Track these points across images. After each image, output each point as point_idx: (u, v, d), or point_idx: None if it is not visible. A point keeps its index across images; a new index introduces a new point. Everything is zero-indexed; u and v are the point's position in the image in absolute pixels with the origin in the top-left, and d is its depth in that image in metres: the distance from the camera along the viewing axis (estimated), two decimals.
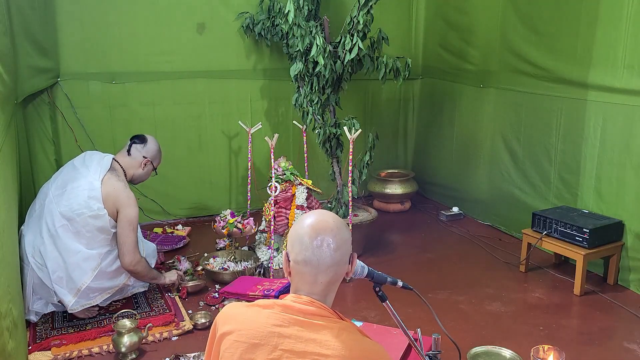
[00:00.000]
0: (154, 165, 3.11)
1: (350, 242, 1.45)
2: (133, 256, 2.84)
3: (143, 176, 3.10)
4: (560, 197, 3.67)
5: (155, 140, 3.14)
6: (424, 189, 5.08)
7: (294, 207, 3.47)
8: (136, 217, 2.88)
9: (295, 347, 1.32)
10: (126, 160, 3.01)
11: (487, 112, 4.30)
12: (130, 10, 4.00)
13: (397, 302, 1.90)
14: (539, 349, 2.28)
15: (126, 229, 2.83)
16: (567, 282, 3.35)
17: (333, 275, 1.40)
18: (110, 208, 2.80)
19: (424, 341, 1.87)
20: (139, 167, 3.04)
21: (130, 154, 3.03)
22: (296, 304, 1.38)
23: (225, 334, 1.38)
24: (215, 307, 3.06)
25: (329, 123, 3.75)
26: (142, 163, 3.04)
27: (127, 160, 3.02)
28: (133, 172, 3.03)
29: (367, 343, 1.37)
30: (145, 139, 3.09)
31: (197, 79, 4.30)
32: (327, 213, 1.46)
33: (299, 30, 3.59)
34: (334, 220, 1.42)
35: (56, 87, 3.91)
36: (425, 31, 4.96)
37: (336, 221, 1.42)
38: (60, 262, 2.72)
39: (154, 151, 3.10)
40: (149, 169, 3.08)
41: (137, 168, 3.04)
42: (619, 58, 3.15)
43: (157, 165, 3.14)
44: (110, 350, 2.61)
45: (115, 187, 2.84)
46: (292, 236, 1.42)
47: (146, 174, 3.10)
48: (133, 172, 3.03)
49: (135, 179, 3.07)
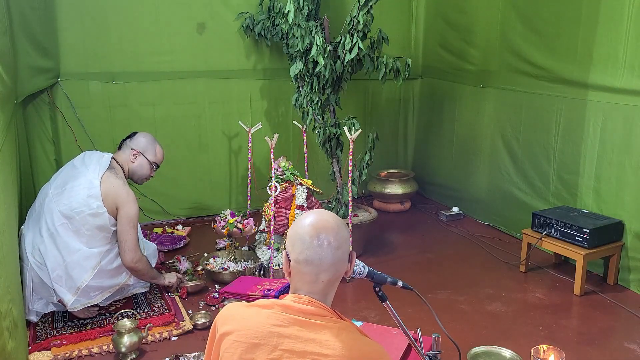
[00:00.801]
0: (148, 158, 3.06)
1: (349, 240, 1.46)
2: (134, 254, 2.84)
3: (139, 170, 3.05)
4: (560, 197, 3.67)
5: (146, 135, 3.13)
6: (424, 189, 5.08)
7: (294, 207, 3.47)
8: (136, 215, 2.87)
9: (295, 347, 1.32)
10: (120, 156, 3.03)
11: (487, 112, 4.30)
12: (130, 10, 4.00)
13: (397, 302, 1.90)
14: (539, 349, 2.28)
15: (126, 227, 2.83)
16: (567, 282, 3.35)
17: (334, 274, 1.41)
18: (109, 206, 2.81)
19: (424, 341, 1.87)
20: (130, 161, 3.03)
21: (121, 149, 3.06)
22: (296, 303, 1.38)
23: (225, 334, 1.38)
24: (215, 307, 3.06)
25: (329, 123, 3.75)
26: (132, 154, 3.02)
27: (121, 156, 3.03)
28: (128, 166, 3.03)
29: (367, 343, 1.37)
30: (134, 133, 3.11)
31: (197, 79, 4.30)
32: (326, 212, 1.47)
33: (299, 30, 3.60)
34: (333, 219, 1.43)
35: (56, 87, 3.91)
36: (425, 31, 4.96)
37: (336, 220, 1.44)
38: (59, 261, 2.73)
39: (143, 143, 3.07)
40: (140, 161, 3.04)
41: (129, 162, 3.03)
42: (620, 58, 3.15)
43: (151, 158, 3.08)
44: (110, 350, 2.61)
45: (114, 185, 2.84)
46: (292, 236, 1.42)
47: (140, 166, 3.05)
48: (128, 166, 3.03)
49: (132, 174, 3.06)
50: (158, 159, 3.14)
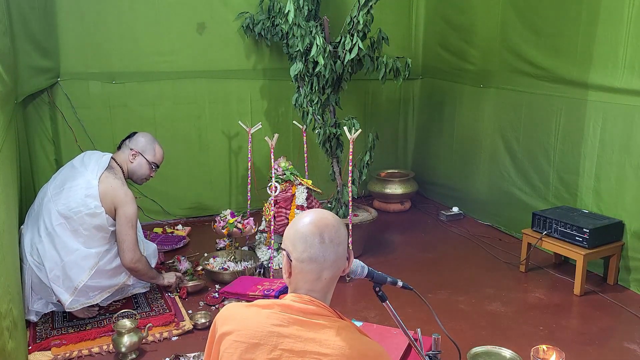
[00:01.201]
0: (147, 158, 3.05)
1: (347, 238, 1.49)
2: (133, 254, 2.84)
3: (138, 170, 3.05)
4: (560, 197, 3.67)
5: (146, 135, 3.12)
6: (424, 189, 5.08)
7: (294, 207, 3.47)
8: (135, 215, 2.87)
9: (295, 347, 1.32)
10: (119, 156, 3.03)
11: (487, 112, 4.30)
12: (130, 10, 4.00)
13: (397, 302, 1.90)
14: (539, 349, 2.28)
15: (125, 227, 2.82)
16: (567, 282, 3.35)
17: (335, 271, 1.43)
18: (107, 206, 2.81)
19: (424, 341, 1.87)
20: (129, 161, 3.02)
21: (121, 149, 3.06)
22: (296, 303, 1.38)
23: (225, 334, 1.38)
24: (215, 307, 3.06)
25: (329, 123, 3.75)
26: (130, 154, 3.02)
27: (120, 156, 3.03)
28: (127, 166, 3.02)
29: (367, 342, 1.37)
30: (133, 133, 3.10)
31: (197, 79, 4.30)
32: (324, 211, 1.49)
33: (299, 30, 3.59)
34: (332, 216, 1.46)
35: (56, 87, 3.91)
36: (425, 31, 4.96)
37: (334, 217, 1.47)
38: (57, 261, 2.72)
39: (142, 143, 3.06)
40: (139, 161, 3.04)
41: (128, 162, 3.03)
42: (620, 58, 3.15)
43: (150, 158, 3.07)
44: (110, 350, 2.61)
45: (113, 185, 2.84)
46: (293, 235, 1.42)
47: (139, 166, 3.04)
48: (127, 166, 3.02)
49: (132, 174, 3.06)
50: (157, 159, 3.13)
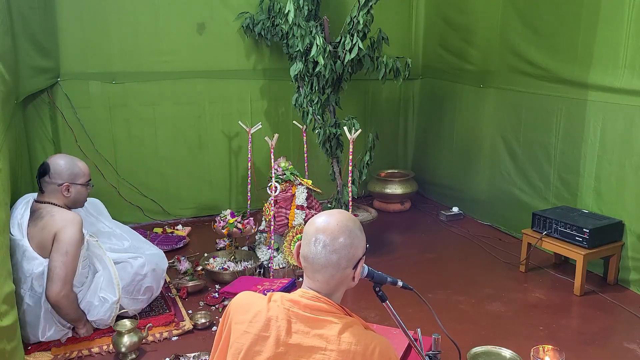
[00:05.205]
0: (79, 183, 2.68)
1: (358, 248, 1.43)
2: (61, 286, 2.47)
3: (78, 197, 2.71)
4: (560, 197, 3.67)
5: (60, 158, 2.69)
6: (424, 189, 5.08)
7: (294, 207, 3.47)
8: (72, 240, 2.50)
9: (302, 342, 1.35)
10: (47, 197, 2.64)
11: (487, 112, 4.30)
12: (130, 10, 4.00)
13: (397, 302, 1.90)
14: (539, 349, 2.28)
15: (56, 253, 2.48)
16: (567, 282, 3.35)
17: (330, 277, 1.42)
18: (49, 250, 2.51)
19: (424, 341, 1.87)
20: (64, 197, 2.65)
21: (45, 191, 2.65)
22: (303, 299, 1.41)
23: (237, 323, 1.42)
24: (215, 307, 3.05)
25: (329, 123, 3.75)
26: (62, 189, 2.64)
27: (47, 197, 2.64)
28: (63, 202, 2.65)
29: (372, 337, 1.38)
30: (47, 166, 2.64)
31: (197, 79, 4.30)
32: (340, 215, 1.44)
33: (299, 30, 3.59)
34: (338, 223, 1.41)
35: (56, 87, 3.91)
36: (425, 31, 4.96)
37: (341, 224, 1.41)
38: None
39: (66, 171, 2.65)
40: (75, 189, 2.67)
41: (63, 198, 2.65)
42: (620, 58, 3.15)
43: (82, 180, 2.70)
44: (110, 350, 2.61)
45: (40, 230, 2.52)
46: (304, 230, 1.45)
47: (78, 194, 2.70)
48: (63, 202, 2.65)
49: (74, 204, 2.71)
50: (86, 175, 2.74)
